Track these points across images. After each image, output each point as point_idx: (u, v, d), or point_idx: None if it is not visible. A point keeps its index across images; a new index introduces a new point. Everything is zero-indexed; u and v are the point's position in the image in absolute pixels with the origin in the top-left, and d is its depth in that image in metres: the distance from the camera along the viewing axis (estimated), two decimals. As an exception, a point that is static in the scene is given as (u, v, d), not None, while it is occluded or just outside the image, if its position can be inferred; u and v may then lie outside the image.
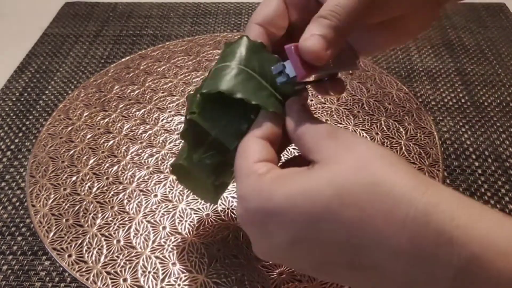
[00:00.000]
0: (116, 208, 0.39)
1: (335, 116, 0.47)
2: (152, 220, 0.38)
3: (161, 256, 0.35)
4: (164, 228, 0.37)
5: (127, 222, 0.38)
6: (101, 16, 0.66)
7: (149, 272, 0.34)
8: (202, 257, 0.35)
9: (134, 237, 0.37)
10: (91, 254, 0.36)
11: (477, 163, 0.43)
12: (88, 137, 0.46)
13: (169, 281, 0.34)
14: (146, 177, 0.41)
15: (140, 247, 0.36)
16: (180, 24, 0.63)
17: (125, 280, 0.34)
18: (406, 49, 0.58)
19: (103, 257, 0.35)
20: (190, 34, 0.61)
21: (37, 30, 0.63)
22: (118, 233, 0.37)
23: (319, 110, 0.48)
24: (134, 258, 0.35)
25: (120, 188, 0.41)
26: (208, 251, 0.35)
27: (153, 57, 0.57)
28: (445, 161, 0.43)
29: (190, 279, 0.34)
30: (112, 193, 0.40)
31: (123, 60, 0.57)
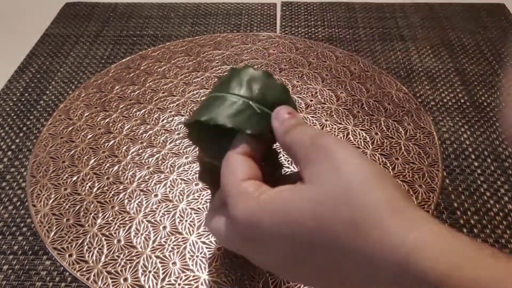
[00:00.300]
0: (116, 208, 0.39)
1: (334, 116, 0.47)
2: (152, 220, 0.38)
3: (161, 255, 0.35)
4: (165, 227, 0.37)
5: (127, 222, 0.38)
6: (101, 16, 0.66)
7: (150, 272, 0.34)
8: (203, 257, 0.35)
9: (134, 236, 0.37)
10: (91, 253, 0.36)
11: (477, 163, 0.43)
12: (89, 137, 0.46)
13: (169, 281, 0.34)
14: (146, 177, 0.42)
15: (141, 247, 0.36)
16: (180, 24, 0.64)
17: (125, 279, 0.34)
18: (405, 49, 0.58)
19: (103, 256, 0.36)
20: (190, 34, 0.61)
21: (37, 31, 0.63)
22: (119, 232, 0.37)
23: (319, 110, 0.48)
24: (134, 258, 0.35)
25: (121, 188, 0.41)
26: (209, 250, 0.36)
27: (153, 57, 0.57)
28: (444, 161, 0.43)
29: (191, 278, 0.34)
30: (112, 193, 0.40)
31: (123, 60, 0.57)
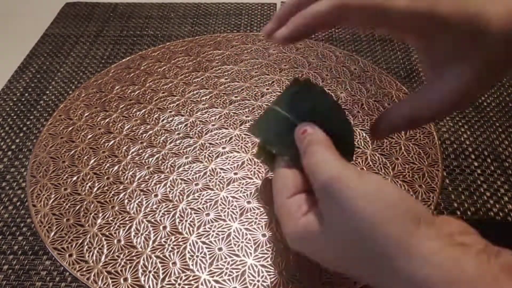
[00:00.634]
0: (116, 208, 0.39)
1: (335, 116, 0.47)
2: (152, 220, 0.38)
3: (161, 255, 0.35)
4: (165, 227, 0.37)
5: (127, 222, 0.38)
6: (101, 16, 0.66)
7: (150, 272, 0.34)
8: (203, 256, 0.35)
9: (134, 236, 0.37)
10: (91, 253, 0.36)
11: (476, 163, 0.43)
12: (89, 137, 0.46)
13: (169, 281, 0.34)
14: (146, 177, 0.42)
15: (141, 247, 0.36)
16: (180, 24, 0.64)
17: (125, 279, 0.34)
18: (405, 49, 0.58)
19: (103, 256, 0.36)
20: (190, 34, 0.61)
21: (37, 31, 0.63)
22: (119, 232, 0.37)
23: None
24: (134, 258, 0.35)
25: (121, 188, 0.41)
26: (209, 250, 0.36)
27: (153, 57, 0.57)
28: (444, 161, 0.43)
29: (191, 278, 0.34)
30: (112, 193, 0.40)
31: (123, 60, 0.57)
